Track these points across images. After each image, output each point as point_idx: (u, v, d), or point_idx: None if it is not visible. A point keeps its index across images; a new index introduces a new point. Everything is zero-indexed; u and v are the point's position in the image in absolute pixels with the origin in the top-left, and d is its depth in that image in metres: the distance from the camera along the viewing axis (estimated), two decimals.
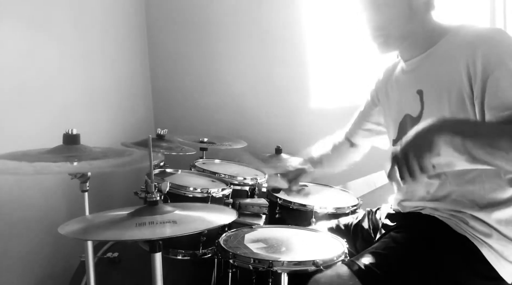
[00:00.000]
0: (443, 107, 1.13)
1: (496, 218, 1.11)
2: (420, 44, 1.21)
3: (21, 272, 1.78)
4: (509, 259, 1.10)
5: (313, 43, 2.48)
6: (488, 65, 1.03)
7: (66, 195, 1.97)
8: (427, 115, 1.18)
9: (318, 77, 2.49)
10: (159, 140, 1.92)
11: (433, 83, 1.17)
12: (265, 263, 1.18)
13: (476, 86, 1.06)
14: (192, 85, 2.75)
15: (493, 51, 1.04)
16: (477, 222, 1.12)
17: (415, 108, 1.22)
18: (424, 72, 1.21)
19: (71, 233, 0.95)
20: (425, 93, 1.19)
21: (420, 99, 1.21)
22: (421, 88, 1.21)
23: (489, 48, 1.05)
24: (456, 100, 1.10)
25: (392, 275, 1.10)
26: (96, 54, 2.26)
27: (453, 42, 1.14)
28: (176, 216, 1.02)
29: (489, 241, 1.10)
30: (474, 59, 1.05)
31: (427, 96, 1.19)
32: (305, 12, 2.46)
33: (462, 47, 1.10)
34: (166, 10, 2.74)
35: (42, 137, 1.52)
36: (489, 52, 1.04)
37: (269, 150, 2.37)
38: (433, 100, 1.17)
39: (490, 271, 1.10)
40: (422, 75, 1.21)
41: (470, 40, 1.09)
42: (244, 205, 1.69)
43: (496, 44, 1.06)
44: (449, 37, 1.16)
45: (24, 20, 1.78)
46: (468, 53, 1.07)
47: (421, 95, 1.20)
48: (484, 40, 1.07)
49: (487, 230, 1.11)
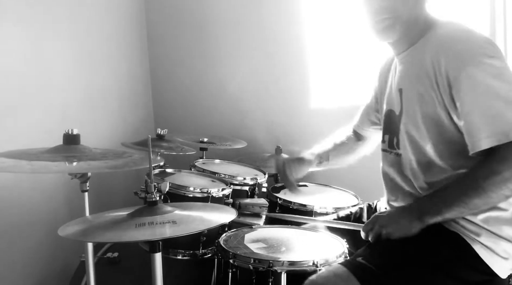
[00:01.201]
0: (415, 109, 1.14)
1: (481, 218, 1.12)
2: (410, 37, 1.18)
3: (21, 272, 1.78)
4: (500, 254, 1.11)
5: (313, 43, 2.48)
6: (449, 72, 1.04)
7: (66, 195, 1.97)
8: (405, 115, 1.20)
9: (318, 77, 2.49)
10: (159, 140, 1.92)
11: (409, 83, 1.18)
12: (265, 263, 1.18)
13: (444, 93, 1.07)
14: (192, 85, 2.75)
15: (458, 56, 1.04)
16: (465, 222, 1.13)
17: (397, 106, 1.24)
18: (405, 70, 1.21)
19: (71, 235, 0.95)
20: (403, 92, 1.20)
21: (400, 97, 1.22)
22: (401, 86, 1.21)
23: (455, 52, 1.04)
24: (427, 103, 1.11)
25: (388, 271, 1.11)
26: (96, 54, 2.26)
27: (429, 41, 1.13)
28: (176, 216, 1.03)
29: (480, 238, 1.11)
30: (439, 62, 1.06)
31: (405, 96, 1.20)
32: (305, 12, 2.46)
33: (432, 48, 1.10)
34: (166, 11, 2.75)
35: (42, 137, 1.53)
36: (454, 56, 1.04)
37: (269, 150, 2.37)
38: (409, 101, 1.17)
39: (484, 266, 1.10)
40: (403, 73, 1.22)
41: (440, 41, 1.09)
42: (244, 205, 1.69)
43: (463, 48, 1.05)
44: (429, 34, 1.15)
45: (24, 20, 1.78)
46: (434, 55, 1.08)
47: (401, 94, 1.21)
48: (452, 43, 1.06)
49: (476, 229, 1.12)
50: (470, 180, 1.05)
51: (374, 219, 1.18)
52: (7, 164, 1.07)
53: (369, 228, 1.18)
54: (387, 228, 1.13)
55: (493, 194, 1.01)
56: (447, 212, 1.07)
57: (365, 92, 1.55)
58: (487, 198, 1.02)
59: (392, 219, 1.15)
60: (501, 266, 1.11)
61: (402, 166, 1.25)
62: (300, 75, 2.50)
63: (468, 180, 1.06)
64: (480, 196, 1.02)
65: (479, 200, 1.02)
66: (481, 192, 1.01)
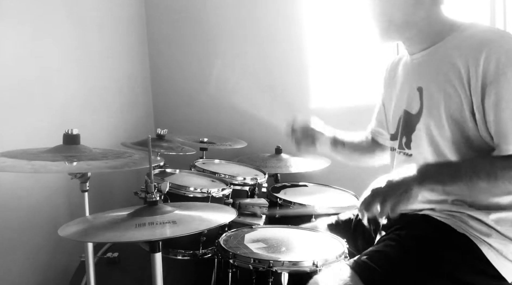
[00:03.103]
0: (440, 109, 1.12)
1: (494, 218, 1.11)
2: (425, 38, 1.18)
3: (21, 272, 1.78)
4: (509, 257, 1.09)
5: (313, 43, 2.47)
6: (487, 73, 1.02)
7: (66, 195, 1.97)
8: (426, 114, 1.17)
9: (318, 77, 2.49)
10: (159, 140, 1.92)
11: (432, 82, 1.15)
12: (265, 263, 1.18)
13: (475, 94, 1.04)
14: (192, 85, 2.75)
15: (495, 58, 1.01)
16: (475, 222, 1.12)
17: (415, 105, 1.21)
18: (426, 68, 1.19)
19: (71, 235, 0.96)
20: (424, 91, 1.18)
21: (420, 96, 1.19)
22: (421, 85, 1.19)
23: (492, 54, 1.01)
24: (454, 104, 1.09)
25: (392, 272, 1.10)
26: (96, 54, 2.26)
27: (458, 41, 1.11)
28: (176, 216, 1.03)
29: (489, 240, 1.10)
30: (476, 63, 1.03)
31: (426, 95, 1.17)
32: (305, 12, 2.46)
33: (465, 48, 1.07)
34: (166, 10, 2.74)
35: (42, 137, 1.53)
36: (491, 59, 1.01)
37: (269, 150, 2.37)
38: (432, 100, 1.15)
39: (491, 269, 1.09)
40: (424, 72, 1.19)
41: (474, 42, 1.06)
42: (244, 205, 1.69)
43: (501, 50, 1.02)
44: (456, 34, 1.13)
45: (24, 20, 1.78)
46: (470, 55, 1.05)
47: (421, 93, 1.19)
48: (489, 45, 1.03)
49: (487, 230, 1.11)
50: (489, 164, 1.02)
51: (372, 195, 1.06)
52: (7, 163, 1.07)
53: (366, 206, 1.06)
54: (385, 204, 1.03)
55: (502, 185, 0.99)
56: (449, 184, 1.03)
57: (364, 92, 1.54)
58: (494, 187, 1.00)
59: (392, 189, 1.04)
60: (508, 269, 1.09)
61: None
62: (300, 75, 2.50)
63: (486, 163, 1.03)
64: (489, 181, 0.99)
65: (486, 185, 1.00)
66: (493, 178, 0.99)
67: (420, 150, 1.20)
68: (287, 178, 2.22)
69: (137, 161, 1.24)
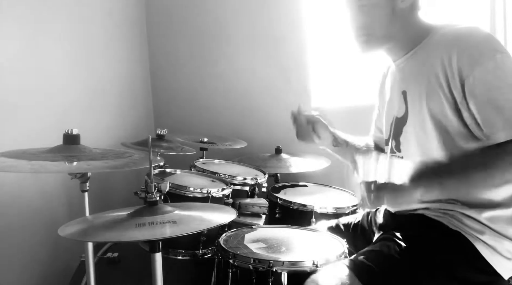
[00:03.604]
0: (422, 109, 1.13)
1: (487, 216, 1.11)
2: (406, 44, 1.21)
3: (21, 272, 1.78)
4: (503, 254, 1.10)
5: (313, 43, 2.48)
6: (462, 68, 1.03)
7: (66, 195, 1.97)
8: (411, 116, 1.19)
9: (318, 77, 2.49)
10: (159, 140, 1.93)
11: (414, 84, 1.17)
12: (265, 263, 1.18)
13: (455, 91, 1.06)
14: (192, 85, 2.75)
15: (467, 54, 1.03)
16: (469, 220, 1.12)
17: (401, 109, 1.23)
18: (408, 72, 1.21)
19: (71, 235, 0.95)
20: (408, 94, 1.20)
21: (404, 100, 1.21)
22: (405, 89, 1.21)
23: (464, 50, 1.04)
24: (435, 103, 1.10)
25: (389, 271, 1.11)
26: (96, 54, 2.26)
27: (433, 42, 1.14)
28: (176, 216, 1.03)
29: (483, 237, 1.10)
30: (449, 62, 1.05)
31: (410, 97, 1.19)
32: (306, 12, 2.46)
33: (439, 47, 1.10)
34: (166, 10, 2.74)
35: (42, 137, 1.53)
36: (463, 55, 1.03)
37: (269, 150, 2.37)
38: (415, 102, 1.17)
39: (486, 266, 1.10)
40: (406, 76, 1.22)
41: (446, 40, 1.09)
42: (244, 205, 1.69)
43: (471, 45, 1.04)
44: (431, 36, 1.15)
45: (24, 20, 1.78)
46: (444, 55, 1.07)
47: (405, 96, 1.21)
48: (459, 42, 1.06)
49: (480, 227, 1.11)
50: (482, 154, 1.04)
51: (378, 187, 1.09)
52: (7, 163, 1.07)
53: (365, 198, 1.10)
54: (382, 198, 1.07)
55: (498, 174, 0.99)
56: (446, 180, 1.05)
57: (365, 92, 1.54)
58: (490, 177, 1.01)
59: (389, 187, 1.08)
60: (503, 266, 1.10)
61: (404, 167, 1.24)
62: (300, 75, 2.50)
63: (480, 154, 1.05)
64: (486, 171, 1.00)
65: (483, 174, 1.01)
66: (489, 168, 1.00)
67: (409, 151, 1.22)
68: (287, 178, 2.22)
69: (137, 161, 1.24)
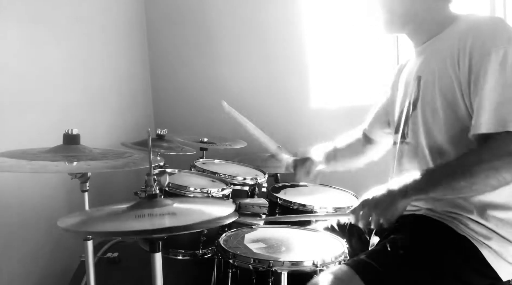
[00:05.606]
0: (434, 91, 1.15)
1: (494, 222, 1.11)
2: (427, 30, 1.23)
3: (21, 272, 1.78)
4: (507, 259, 1.10)
5: (313, 43, 2.48)
6: (473, 52, 1.05)
7: (66, 195, 1.97)
8: (422, 100, 1.20)
9: (318, 77, 2.49)
10: (159, 140, 1.92)
11: (430, 70, 1.18)
12: (265, 263, 1.18)
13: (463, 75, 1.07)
14: (192, 85, 2.75)
15: (481, 40, 1.05)
16: (476, 225, 1.12)
17: (413, 94, 1.24)
18: (425, 58, 1.23)
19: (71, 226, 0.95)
20: (422, 79, 1.21)
21: (418, 84, 1.22)
22: (420, 74, 1.22)
23: (479, 37, 1.06)
24: (446, 84, 1.12)
25: (393, 272, 1.10)
26: (96, 54, 2.26)
27: (454, 30, 1.16)
28: (175, 208, 1.02)
29: (489, 243, 1.10)
30: (464, 46, 1.07)
31: (423, 83, 1.20)
32: (305, 12, 2.46)
33: (456, 37, 1.12)
34: (166, 10, 2.75)
35: (42, 137, 1.53)
36: (477, 41, 1.05)
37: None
38: (428, 88, 1.18)
39: (489, 270, 1.10)
40: (424, 62, 1.23)
41: (462, 30, 1.11)
42: (244, 205, 1.69)
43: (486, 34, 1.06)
44: (454, 24, 1.17)
45: (24, 20, 1.78)
46: (461, 40, 1.09)
47: (419, 81, 1.22)
48: (476, 30, 1.08)
49: (487, 233, 1.11)
50: (459, 164, 1.05)
51: (362, 204, 1.15)
52: (7, 163, 1.07)
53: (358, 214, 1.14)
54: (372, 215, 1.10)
55: (479, 180, 1.00)
56: (432, 191, 1.06)
57: (365, 92, 1.54)
58: (473, 184, 1.01)
59: (378, 202, 1.10)
60: (505, 270, 1.10)
61: (411, 153, 1.25)
62: (300, 75, 2.50)
63: (457, 163, 1.06)
64: (466, 179, 1.01)
65: (465, 183, 1.01)
66: (468, 176, 1.01)
67: (416, 136, 1.23)
68: (287, 178, 2.22)
69: (137, 161, 1.24)
